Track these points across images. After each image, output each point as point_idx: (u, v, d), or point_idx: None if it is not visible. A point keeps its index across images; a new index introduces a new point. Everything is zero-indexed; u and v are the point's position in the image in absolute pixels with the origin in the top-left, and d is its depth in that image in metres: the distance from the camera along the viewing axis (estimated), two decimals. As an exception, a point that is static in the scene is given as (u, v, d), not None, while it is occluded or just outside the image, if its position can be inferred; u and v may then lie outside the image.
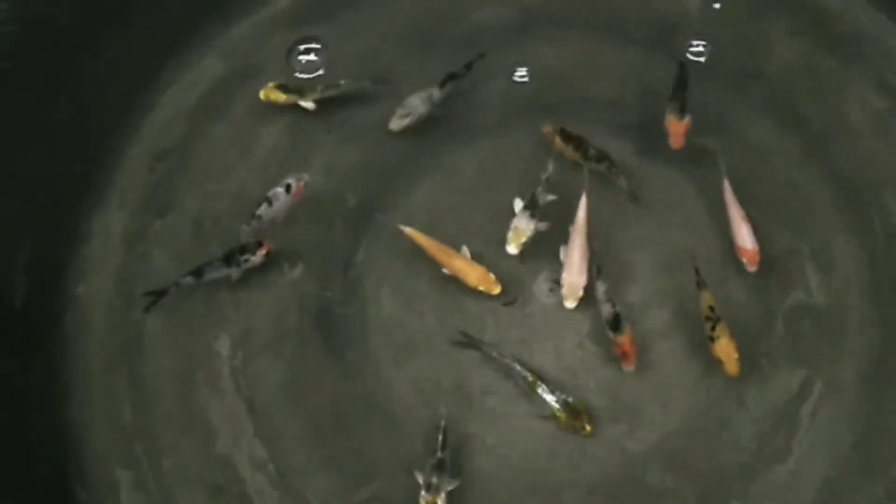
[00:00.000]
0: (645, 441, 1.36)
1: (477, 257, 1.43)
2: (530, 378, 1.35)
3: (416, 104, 1.46)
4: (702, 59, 1.55)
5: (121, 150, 1.52)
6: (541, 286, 1.44)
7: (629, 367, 1.34)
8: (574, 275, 1.37)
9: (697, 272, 1.36)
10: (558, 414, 1.34)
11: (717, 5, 1.58)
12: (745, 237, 1.38)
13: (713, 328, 1.32)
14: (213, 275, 1.40)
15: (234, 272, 1.40)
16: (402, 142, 1.52)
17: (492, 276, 1.38)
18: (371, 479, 1.35)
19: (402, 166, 1.51)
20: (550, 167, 1.42)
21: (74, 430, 1.39)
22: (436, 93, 1.47)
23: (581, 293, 1.37)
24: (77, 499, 1.35)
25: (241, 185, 1.50)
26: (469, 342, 1.40)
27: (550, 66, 1.56)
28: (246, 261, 1.39)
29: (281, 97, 1.50)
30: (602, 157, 1.45)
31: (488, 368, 1.40)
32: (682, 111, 1.43)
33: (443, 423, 1.32)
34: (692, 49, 1.55)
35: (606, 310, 1.33)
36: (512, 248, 1.40)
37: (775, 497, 1.32)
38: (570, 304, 1.38)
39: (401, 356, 1.41)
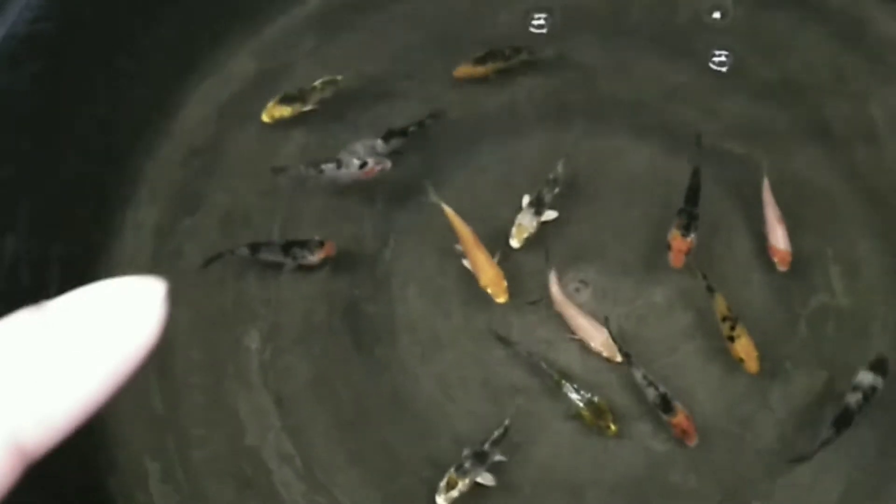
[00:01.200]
0: (669, 441, 1.36)
1: (503, 256, 1.45)
2: (556, 377, 1.37)
3: (360, 152, 1.45)
4: (725, 66, 1.56)
5: (153, 148, 1.54)
6: (567, 286, 1.45)
7: (693, 443, 1.33)
8: (597, 335, 1.37)
9: (704, 276, 1.36)
10: (583, 413, 1.35)
11: (728, 20, 1.59)
12: (778, 237, 1.39)
13: (732, 328, 1.33)
14: (267, 256, 1.42)
15: (289, 263, 1.41)
16: (430, 142, 1.54)
17: (505, 283, 1.38)
18: (396, 475, 1.37)
19: (429, 166, 1.52)
20: (560, 168, 1.45)
21: (105, 422, 1.40)
22: (379, 144, 1.45)
23: (614, 343, 1.37)
24: (107, 489, 1.37)
25: (271, 183, 1.51)
26: (502, 340, 1.41)
27: (575, 67, 1.57)
28: (302, 257, 1.40)
29: (286, 111, 1.50)
30: (518, 49, 1.51)
31: (514, 366, 1.41)
32: (688, 228, 1.38)
33: (507, 421, 1.33)
34: (716, 54, 1.56)
35: (652, 394, 1.32)
36: (514, 243, 1.42)
37: (799, 498, 1.33)
38: (619, 357, 1.37)
39: (427, 353, 1.42)
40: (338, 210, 1.50)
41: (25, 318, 0.36)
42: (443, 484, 1.30)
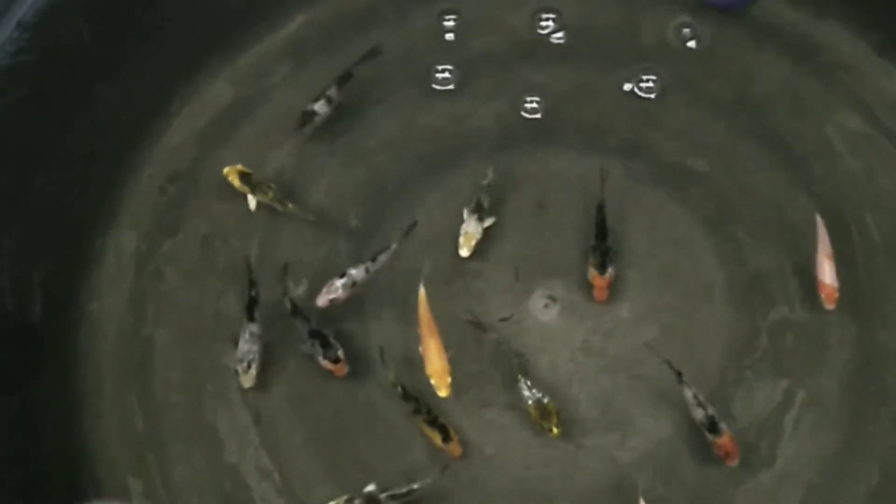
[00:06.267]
0: (635, 451, 1.41)
1: (473, 273, 1.50)
2: (516, 370, 1.41)
3: (249, 349, 1.43)
4: (686, 87, 1.61)
5: (133, 174, 1.58)
6: (536, 302, 1.50)
7: (734, 463, 1.36)
8: None
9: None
10: (530, 410, 1.39)
11: (692, 42, 1.64)
12: (825, 273, 1.41)
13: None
14: (298, 325, 1.44)
15: (306, 345, 1.44)
16: (403, 165, 1.59)
17: (449, 379, 1.39)
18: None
19: (402, 187, 1.57)
20: (490, 174, 1.51)
21: (88, 440, 1.44)
22: (253, 327, 1.44)
23: None
24: (91, 506, 1.41)
25: (248, 205, 1.55)
26: (476, 324, 1.45)
27: (541, 90, 1.62)
28: (316, 351, 1.43)
29: (236, 182, 1.54)
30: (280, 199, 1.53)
31: (485, 382, 1.45)
32: (604, 265, 1.44)
33: (416, 485, 1.36)
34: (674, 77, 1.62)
35: (699, 414, 1.35)
36: (464, 252, 1.49)
37: (761, 503, 1.37)
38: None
39: (401, 369, 1.46)
40: (313, 232, 1.54)
41: None
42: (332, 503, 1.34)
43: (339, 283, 1.45)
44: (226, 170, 1.55)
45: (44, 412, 1.44)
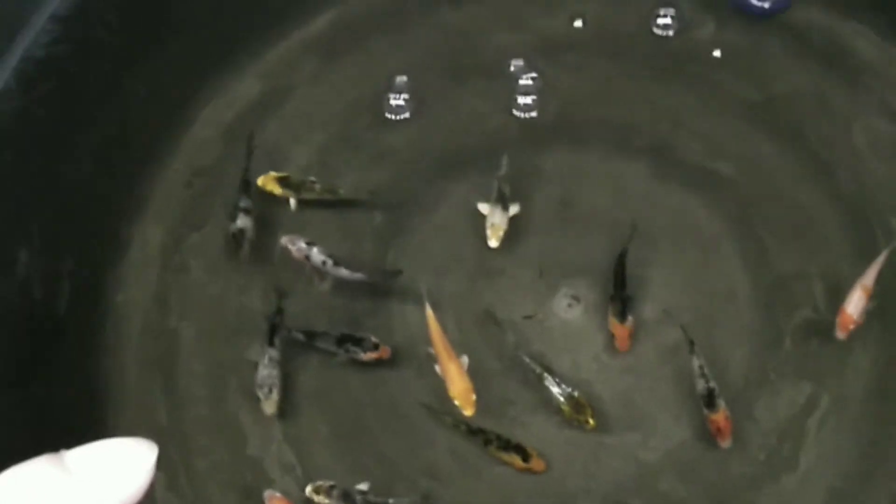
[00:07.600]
0: (658, 451, 1.41)
1: (496, 270, 1.50)
2: (538, 370, 1.41)
3: (269, 374, 1.42)
4: (713, 88, 1.61)
5: (160, 167, 1.60)
6: (560, 301, 1.50)
7: (725, 444, 1.36)
8: None
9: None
10: (563, 406, 1.39)
11: (717, 52, 1.64)
12: (852, 302, 1.39)
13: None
14: (321, 344, 1.44)
15: (341, 354, 1.43)
16: (427, 163, 1.59)
17: (474, 397, 1.38)
18: (393, 485, 1.41)
19: (426, 186, 1.57)
20: (505, 164, 1.51)
21: (112, 431, 1.45)
22: (273, 352, 1.42)
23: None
24: (114, 496, 1.41)
25: (273, 201, 1.56)
26: (495, 322, 1.46)
27: (566, 90, 1.63)
28: (355, 352, 1.43)
29: (277, 190, 1.53)
30: (328, 189, 1.53)
31: (508, 379, 1.46)
32: (623, 314, 1.43)
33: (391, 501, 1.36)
34: (705, 75, 1.62)
35: (700, 385, 1.36)
36: (493, 243, 1.47)
37: (783, 506, 1.38)
38: None
39: (424, 367, 1.46)
40: (338, 227, 1.55)
41: (48, 463, 0.46)
42: (318, 484, 1.36)
43: (301, 243, 1.45)
44: (260, 181, 1.53)
45: (69, 403, 1.45)
